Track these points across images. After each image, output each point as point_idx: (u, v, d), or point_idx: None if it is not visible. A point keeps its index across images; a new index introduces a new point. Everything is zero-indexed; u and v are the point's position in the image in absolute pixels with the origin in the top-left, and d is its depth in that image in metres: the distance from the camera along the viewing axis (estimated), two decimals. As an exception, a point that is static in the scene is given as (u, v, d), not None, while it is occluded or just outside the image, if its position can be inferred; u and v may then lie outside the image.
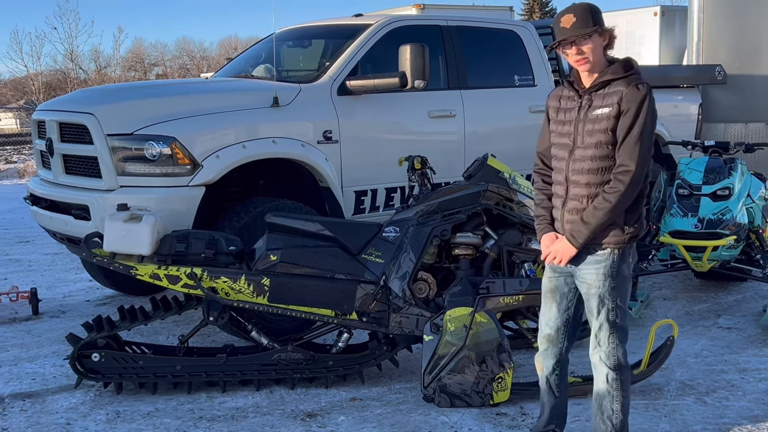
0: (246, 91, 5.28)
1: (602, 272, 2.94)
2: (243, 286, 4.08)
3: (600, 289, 2.96)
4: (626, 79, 2.85)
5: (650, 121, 2.82)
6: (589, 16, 2.84)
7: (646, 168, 2.85)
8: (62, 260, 7.65)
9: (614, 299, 2.96)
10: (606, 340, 3.00)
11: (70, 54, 36.04)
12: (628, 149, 2.81)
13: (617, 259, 2.93)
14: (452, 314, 3.93)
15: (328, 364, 4.23)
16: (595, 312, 3.00)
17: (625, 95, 2.80)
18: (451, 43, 5.97)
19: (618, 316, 2.98)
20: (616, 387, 3.03)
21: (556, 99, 3.07)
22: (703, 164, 5.63)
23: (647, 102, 2.80)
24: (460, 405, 3.90)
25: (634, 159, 2.80)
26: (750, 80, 8.32)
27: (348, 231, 4.32)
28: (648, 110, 2.80)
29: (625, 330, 3.03)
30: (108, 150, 4.67)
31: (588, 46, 2.85)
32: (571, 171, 2.94)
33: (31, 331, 5.34)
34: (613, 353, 3.01)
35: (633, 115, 2.79)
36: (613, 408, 3.05)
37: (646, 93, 2.80)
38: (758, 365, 4.47)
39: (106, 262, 4.13)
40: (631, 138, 2.80)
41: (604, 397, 3.06)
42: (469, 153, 5.83)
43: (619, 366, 3.02)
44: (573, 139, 2.93)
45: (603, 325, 2.99)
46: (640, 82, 2.83)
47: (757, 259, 5.65)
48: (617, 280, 2.95)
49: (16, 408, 4.01)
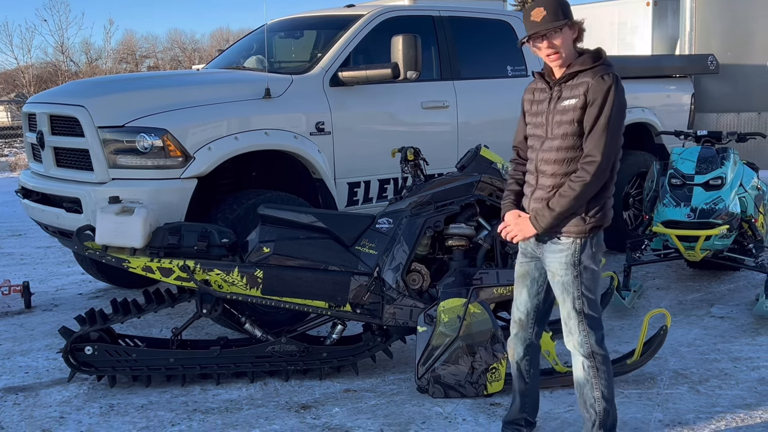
0: (238, 83, 5.26)
1: (564, 261, 2.97)
2: (236, 279, 4.07)
3: (563, 278, 2.98)
4: (593, 69, 2.85)
5: (617, 111, 2.81)
6: (559, 9, 2.84)
7: (612, 158, 2.85)
8: (54, 253, 7.62)
9: (578, 288, 2.97)
10: (576, 328, 3.02)
11: (61, 46, 35.92)
12: (594, 139, 2.82)
13: (579, 249, 2.95)
14: (446, 305, 3.94)
15: (322, 356, 4.23)
16: (561, 300, 3.04)
17: (592, 86, 2.81)
18: (444, 33, 5.96)
19: (585, 305, 2.99)
20: (593, 374, 3.04)
21: (530, 92, 3.10)
22: (696, 154, 5.64)
23: (613, 92, 2.80)
24: (454, 395, 3.90)
25: (599, 149, 2.81)
26: (742, 70, 8.33)
27: (341, 222, 4.31)
28: (614, 101, 2.80)
29: (596, 318, 3.03)
30: (99, 142, 4.64)
31: (559, 39, 2.86)
32: (540, 161, 2.97)
33: (24, 325, 5.33)
34: (585, 341, 3.02)
35: (599, 105, 2.80)
36: (594, 396, 3.05)
37: (612, 83, 2.80)
38: (751, 354, 4.49)
39: (98, 255, 4.11)
40: (597, 128, 2.81)
41: (584, 385, 3.08)
42: (462, 144, 5.83)
43: (592, 353, 3.02)
44: (545, 131, 2.96)
45: (570, 314, 3.02)
46: (607, 73, 2.83)
47: (750, 248, 5.67)
48: (579, 269, 2.96)
49: (9, 402, 4.00)
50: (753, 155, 7.40)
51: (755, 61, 8.37)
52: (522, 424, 3.34)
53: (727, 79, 8.23)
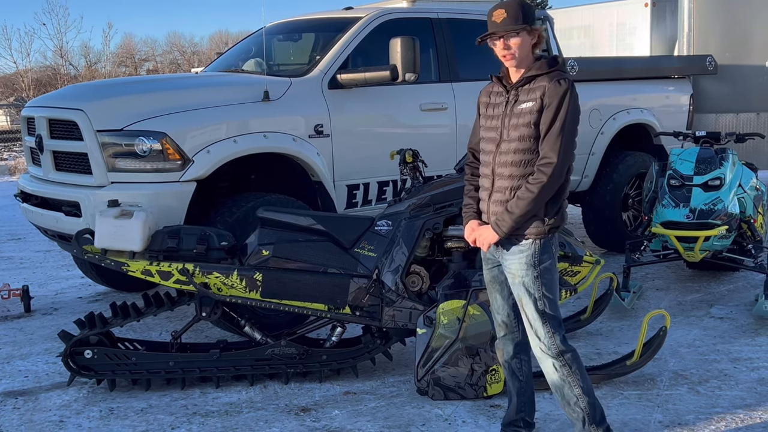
0: (236, 86, 5.26)
1: (524, 261, 3.00)
2: (235, 282, 4.07)
3: (523, 278, 3.02)
4: (549, 74, 2.93)
5: (571, 115, 2.88)
6: (520, 13, 2.92)
7: (568, 161, 2.91)
8: (54, 257, 7.62)
9: (539, 288, 3.01)
10: (541, 330, 3.04)
11: (60, 50, 35.84)
12: (550, 142, 2.88)
13: (538, 249, 2.99)
14: (445, 307, 3.94)
15: (321, 359, 4.22)
16: (523, 301, 3.05)
17: (548, 90, 2.88)
18: (442, 35, 5.96)
19: (546, 306, 3.02)
20: (567, 373, 3.06)
21: (486, 95, 3.15)
22: (695, 155, 5.64)
23: (568, 96, 2.87)
24: (454, 397, 3.90)
25: (555, 151, 2.86)
26: (740, 70, 8.33)
27: (340, 225, 4.31)
28: (569, 105, 2.87)
29: (557, 318, 3.06)
30: (98, 146, 4.64)
31: (515, 41, 2.93)
32: (497, 164, 3.01)
33: (24, 329, 5.32)
34: (551, 342, 3.04)
35: (555, 109, 2.86)
36: (575, 393, 3.07)
37: (567, 88, 2.87)
38: (751, 354, 4.49)
39: (98, 258, 4.11)
40: (552, 131, 2.87)
41: (561, 386, 3.09)
42: (461, 146, 5.83)
43: (561, 352, 3.05)
44: (500, 133, 3.00)
45: (533, 316, 3.04)
46: (563, 78, 2.90)
47: (749, 248, 5.67)
48: (539, 270, 3.00)
49: (9, 406, 3.99)
50: (752, 156, 7.40)
51: (754, 62, 8.37)
52: (521, 425, 3.34)
53: (726, 80, 8.23)
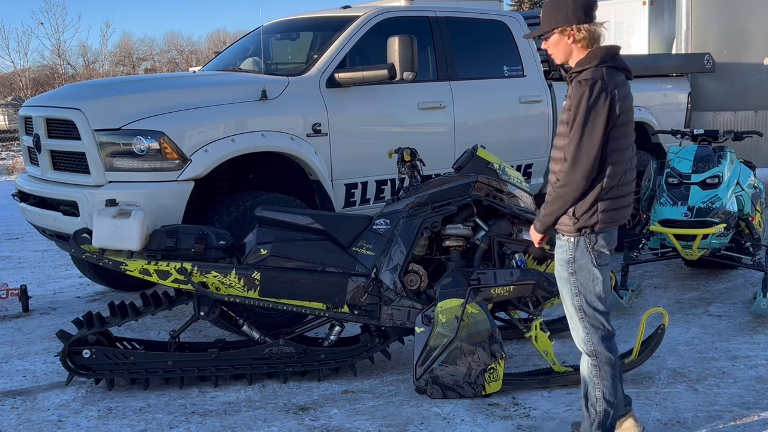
0: (234, 85, 5.26)
1: (561, 257, 3.07)
2: (234, 281, 4.07)
3: (561, 273, 3.09)
4: (582, 72, 2.93)
5: (586, 116, 2.84)
6: (552, 17, 2.98)
7: (586, 163, 2.86)
8: (52, 257, 7.62)
9: (575, 285, 3.04)
10: (578, 325, 3.10)
11: (58, 49, 35.76)
12: (568, 143, 2.89)
13: (572, 247, 3.02)
14: (444, 306, 3.94)
15: (320, 358, 4.22)
16: (562, 295, 3.13)
17: (572, 89, 2.92)
18: (440, 34, 5.96)
19: (583, 303, 3.05)
20: (595, 373, 3.09)
21: None
22: (693, 153, 5.64)
23: (584, 98, 2.85)
24: (453, 396, 3.90)
25: (570, 153, 2.88)
26: (738, 68, 8.34)
27: (338, 224, 4.31)
28: (585, 107, 2.84)
29: (597, 318, 3.05)
30: (96, 145, 4.64)
31: (549, 42, 3.02)
32: (550, 158, 3.10)
33: (22, 329, 5.32)
34: (587, 339, 3.08)
35: (574, 110, 2.88)
36: (596, 395, 3.11)
37: (584, 90, 2.85)
38: (749, 352, 4.49)
39: (96, 258, 4.11)
40: (571, 133, 2.89)
41: (588, 383, 3.13)
42: (459, 144, 5.83)
43: (594, 352, 3.08)
44: None
45: (571, 310, 3.10)
46: (584, 78, 2.88)
47: (747, 246, 5.67)
48: (573, 267, 3.03)
49: (7, 406, 3.99)
50: (750, 154, 7.42)
51: (751, 60, 8.38)
52: None
53: (724, 78, 8.24)
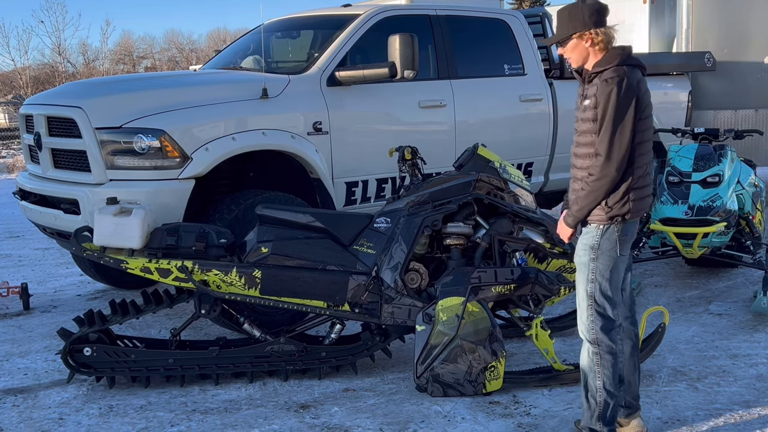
0: (235, 83, 5.26)
1: (586, 243, 3.13)
2: (234, 279, 4.07)
3: (581, 258, 3.15)
4: (605, 71, 3.02)
5: (617, 113, 2.96)
6: (569, 23, 3.07)
7: (619, 156, 2.99)
8: (53, 255, 7.62)
9: (593, 271, 3.10)
10: (585, 312, 3.15)
11: (58, 47, 35.76)
12: (600, 139, 3.00)
13: (600, 235, 3.10)
14: (444, 304, 3.94)
15: (320, 356, 4.23)
16: (578, 282, 3.18)
17: (598, 89, 3.00)
18: (441, 32, 5.96)
19: (596, 290, 3.11)
20: (596, 362, 3.12)
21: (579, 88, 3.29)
22: (693, 151, 5.64)
23: (615, 95, 2.95)
24: (453, 394, 3.91)
25: (603, 149, 2.98)
26: (739, 67, 8.34)
27: (339, 222, 4.31)
28: (615, 103, 2.96)
29: (606, 307, 3.11)
30: (96, 143, 4.64)
31: (567, 47, 3.11)
32: (573, 155, 3.19)
33: (23, 327, 5.32)
34: (591, 327, 3.13)
35: (603, 107, 2.98)
36: (596, 385, 3.14)
37: (612, 87, 2.96)
38: (749, 351, 4.49)
39: (97, 256, 4.11)
40: (602, 129, 2.99)
41: (588, 373, 3.17)
42: (460, 143, 5.83)
43: (596, 340, 3.12)
44: (576, 127, 3.17)
45: (583, 297, 3.15)
46: (611, 76, 2.98)
47: (748, 245, 5.68)
48: (596, 253, 3.10)
49: (8, 403, 3.99)
50: (750, 152, 7.41)
51: (752, 58, 8.38)
52: (622, 405, 3.39)
53: (724, 77, 8.24)
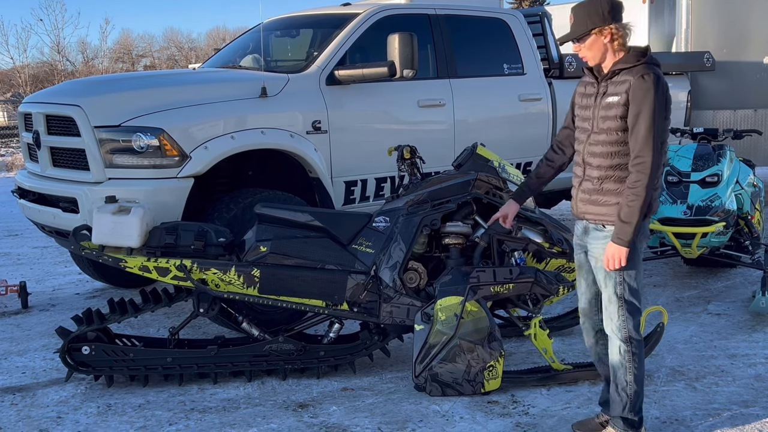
0: (234, 82, 5.25)
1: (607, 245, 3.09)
2: (233, 278, 4.07)
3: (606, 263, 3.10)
4: (635, 68, 2.97)
5: (658, 110, 2.92)
6: (586, 17, 3.01)
7: (661, 156, 2.97)
8: (51, 253, 7.62)
9: (620, 273, 3.08)
10: (616, 313, 3.14)
11: (57, 46, 35.71)
12: (640, 140, 2.93)
13: None
14: (443, 303, 3.94)
15: (319, 355, 4.23)
16: (603, 285, 3.16)
17: (633, 85, 2.94)
18: (440, 31, 5.96)
19: (626, 290, 3.11)
20: (628, 359, 3.16)
21: (583, 86, 3.24)
22: (692, 151, 5.65)
23: (653, 92, 2.91)
24: (452, 394, 3.90)
25: (649, 150, 2.93)
26: (738, 67, 8.34)
27: (338, 221, 4.31)
28: (654, 101, 2.91)
29: (635, 304, 3.15)
30: (95, 142, 4.64)
31: (585, 43, 3.04)
32: (587, 153, 3.12)
33: (21, 325, 5.32)
34: (623, 326, 3.15)
35: (639, 105, 2.92)
36: (627, 380, 3.18)
37: (651, 84, 2.91)
38: (747, 351, 4.50)
39: (95, 254, 4.11)
40: (641, 129, 2.92)
41: (618, 369, 3.20)
42: (459, 142, 5.83)
43: (630, 338, 3.15)
44: (591, 124, 3.10)
45: (611, 298, 3.14)
46: (647, 72, 2.93)
47: (746, 245, 5.68)
48: None
49: (7, 402, 3.99)
50: (749, 152, 7.42)
51: (751, 58, 8.38)
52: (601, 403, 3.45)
53: (724, 77, 8.24)
